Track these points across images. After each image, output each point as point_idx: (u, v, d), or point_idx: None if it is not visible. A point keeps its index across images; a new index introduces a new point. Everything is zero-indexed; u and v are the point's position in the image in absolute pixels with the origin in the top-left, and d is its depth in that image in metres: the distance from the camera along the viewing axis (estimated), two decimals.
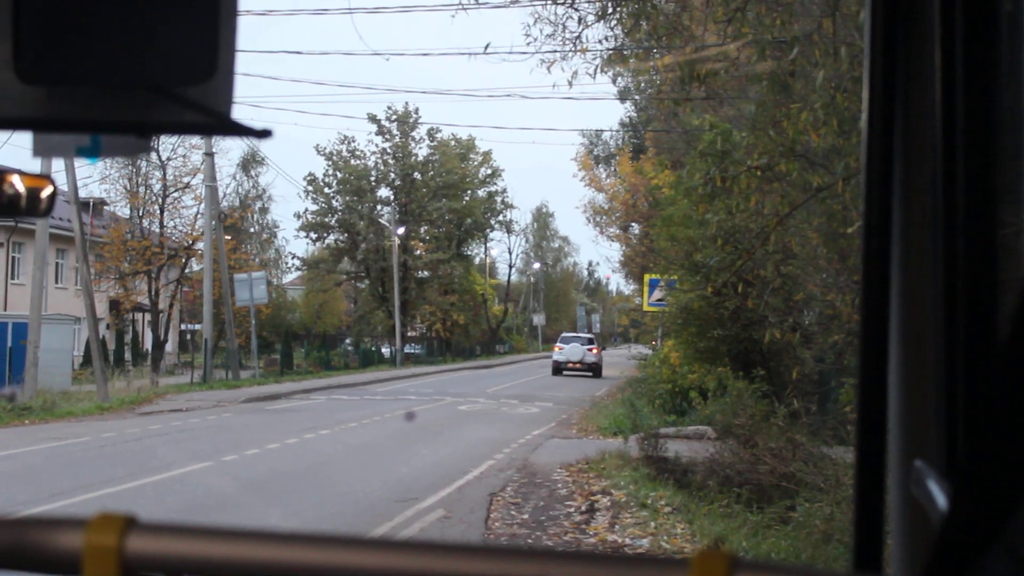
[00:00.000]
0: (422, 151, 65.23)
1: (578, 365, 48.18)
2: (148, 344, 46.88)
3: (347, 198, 62.44)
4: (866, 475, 1.41)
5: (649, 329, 39.43)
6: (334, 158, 62.95)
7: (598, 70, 13.71)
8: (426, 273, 65.86)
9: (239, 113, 1.06)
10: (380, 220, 63.05)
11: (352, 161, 63.34)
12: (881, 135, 1.44)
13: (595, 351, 49.36)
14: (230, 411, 26.55)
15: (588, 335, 56.06)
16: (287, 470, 15.33)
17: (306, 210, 62.98)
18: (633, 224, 45.72)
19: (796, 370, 15.65)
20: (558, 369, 48.52)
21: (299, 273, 71.20)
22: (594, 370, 47.87)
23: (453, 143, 66.34)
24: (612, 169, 51.98)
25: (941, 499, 1.28)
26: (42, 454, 16.88)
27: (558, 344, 51.24)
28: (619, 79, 25.63)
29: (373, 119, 62.98)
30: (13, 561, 0.97)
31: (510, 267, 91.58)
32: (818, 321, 14.26)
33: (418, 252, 64.85)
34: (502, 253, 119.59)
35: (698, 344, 20.46)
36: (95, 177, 72.82)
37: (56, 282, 46.22)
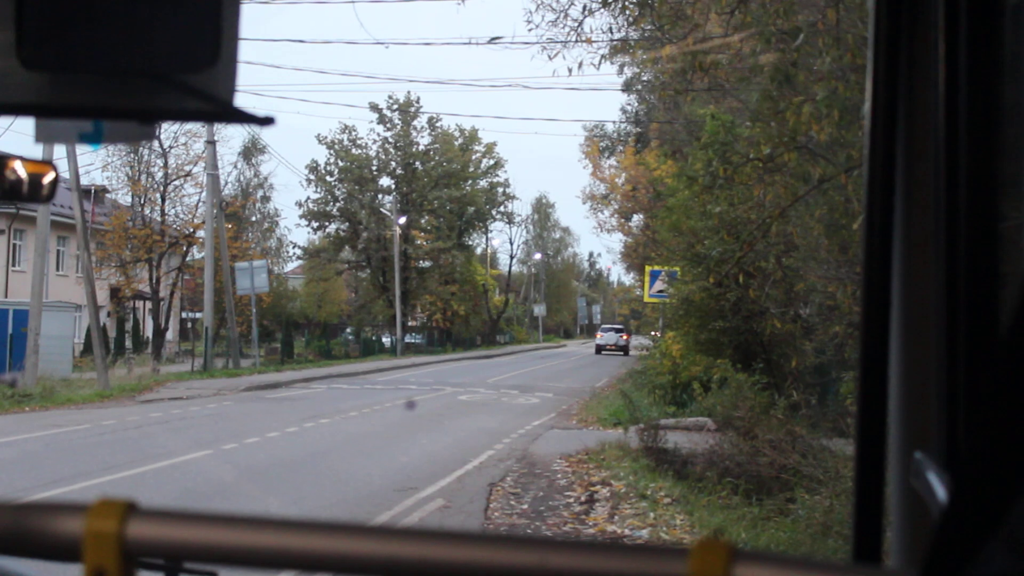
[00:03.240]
0: (423, 140, 65.27)
1: (613, 347, 65.07)
2: (149, 332, 46.93)
3: (349, 187, 62.42)
4: (866, 467, 1.41)
5: (650, 320, 39.54)
6: (336, 147, 62.92)
7: (602, 59, 13.68)
8: (427, 263, 65.86)
9: (241, 101, 1.06)
10: (381, 209, 63.05)
11: (354, 150, 63.31)
12: (883, 127, 1.44)
13: (625, 337, 66.32)
14: (230, 399, 26.58)
15: (619, 325, 72.40)
16: (287, 458, 15.34)
17: (307, 199, 63.05)
18: (635, 215, 45.80)
19: (795, 359, 15.66)
20: (599, 349, 66.29)
21: (300, 262, 71.21)
22: (624, 350, 62.92)
23: (456, 132, 66.31)
24: (615, 160, 51.99)
25: (941, 491, 1.28)
26: (42, 441, 16.91)
27: (599, 332, 71.10)
28: (624, 69, 25.57)
29: (375, 108, 62.95)
30: (14, 546, 0.97)
31: (511, 257, 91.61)
32: (819, 313, 14.27)
33: (419, 242, 64.86)
34: (503, 243, 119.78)
35: (699, 336, 20.46)
36: (97, 164, 72.82)
37: (57, 269, 46.24)
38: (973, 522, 0.80)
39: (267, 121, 1.04)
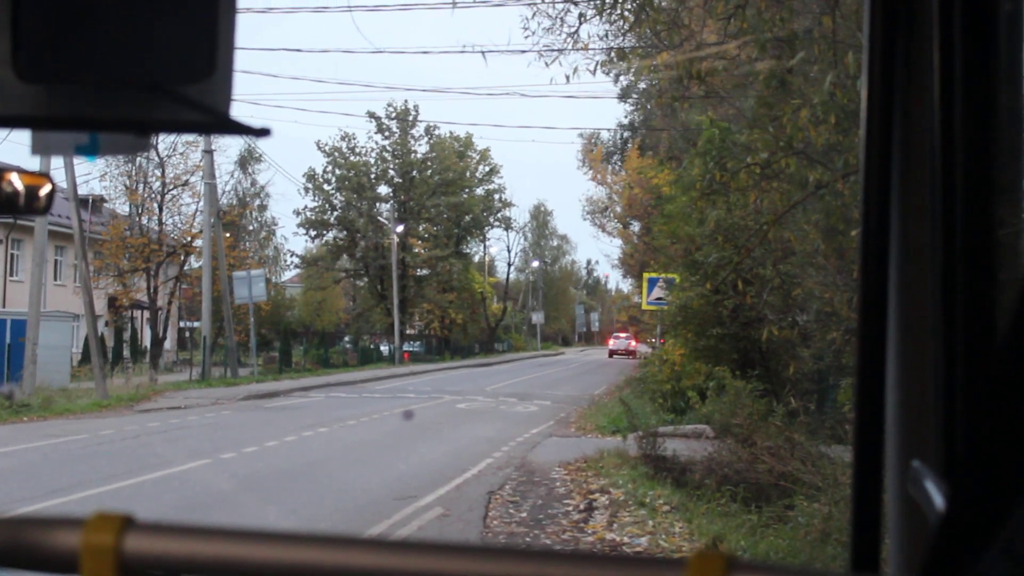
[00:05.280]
0: (421, 148, 65.33)
1: (623, 351, 73.95)
2: (147, 341, 46.87)
3: (346, 195, 62.45)
4: (864, 475, 1.41)
5: (648, 326, 39.57)
6: (334, 155, 62.96)
7: (598, 67, 13.67)
8: (425, 271, 65.87)
9: (238, 111, 1.06)
10: (379, 218, 63.07)
11: (352, 158, 63.36)
12: (880, 133, 1.44)
13: (633, 344, 73.73)
14: (228, 409, 26.55)
15: (627, 334, 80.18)
16: (285, 468, 15.32)
17: (305, 207, 63.09)
18: (633, 221, 45.86)
19: (793, 366, 15.65)
20: (611, 354, 76.22)
21: (298, 271, 71.19)
22: (632, 354, 68.76)
23: (450, 140, 66.38)
24: (616, 166, 52.05)
25: (939, 499, 1.28)
26: (40, 451, 16.88)
27: (611, 339, 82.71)
28: (620, 78, 25.60)
29: (373, 116, 63.05)
30: (11, 560, 0.97)
31: (509, 265, 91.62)
32: (816, 319, 14.27)
33: (417, 250, 64.86)
34: (501, 251, 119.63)
35: (697, 343, 20.46)
36: (94, 174, 72.88)
37: (55, 279, 46.18)
38: (971, 530, 0.80)
39: (263, 132, 1.04)
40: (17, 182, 1.30)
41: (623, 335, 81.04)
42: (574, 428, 22.39)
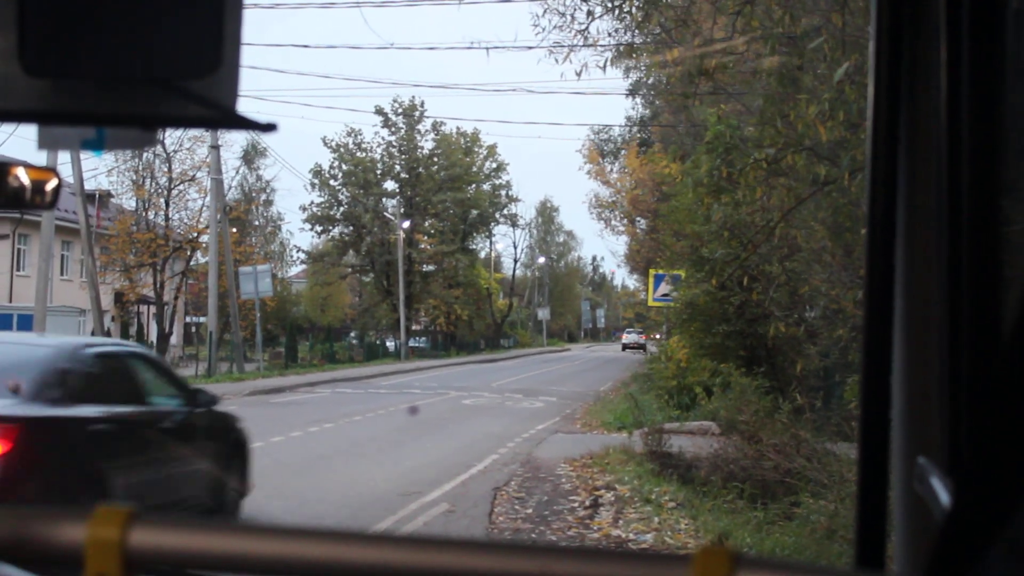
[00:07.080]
0: (427, 144, 65.41)
1: (635, 345, 75.83)
2: (153, 337, 46.93)
3: (352, 191, 62.53)
4: (869, 472, 1.41)
5: (654, 323, 39.60)
6: (340, 151, 63.04)
7: (608, 63, 13.68)
8: (431, 266, 65.94)
9: (245, 106, 1.06)
10: (385, 213, 63.14)
11: (358, 154, 63.44)
12: (886, 131, 1.44)
13: (644, 337, 74.05)
14: (234, 404, 26.50)
15: (639, 329, 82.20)
16: (291, 463, 15.33)
17: (311, 203, 63.18)
18: (639, 219, 45.84)
19: (800, 364, 15.64)
20: (624, 347, 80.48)
21: (304, 266, 71.28)
22: (643, 348, 68.67)
23: (457, 136, 66.42)
24: (619, 164, 52.01)
25: (944, 496, 1.28)
26: None
27: (624, 334, 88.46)
28: (631, 73, 25.56)
29: (380, 112, 63.12)
30: (16, 553, 0.97)
31: (515, 261, 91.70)
32: (823, 316, 14.25)
33: (423, 245, 64.93)
34: (507, 247, 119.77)
35: (703, 340, 20.44)
36: (101, 169, 73.03)
37: (61, 274, 46.23)
38: (976, 527, 0.80)
39: (269, 127, 1.05)
40: (24, 177, 1.31)
41: (634, 331, 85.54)
42: (580, 424, 22.38)
